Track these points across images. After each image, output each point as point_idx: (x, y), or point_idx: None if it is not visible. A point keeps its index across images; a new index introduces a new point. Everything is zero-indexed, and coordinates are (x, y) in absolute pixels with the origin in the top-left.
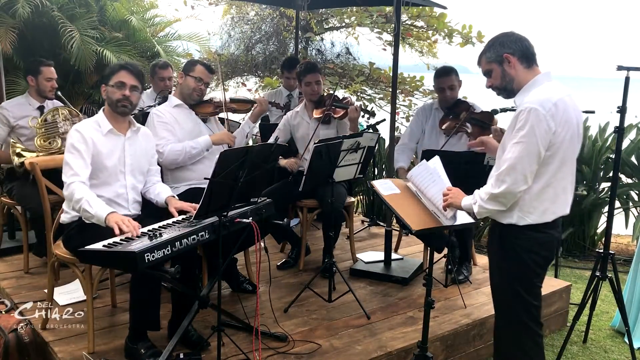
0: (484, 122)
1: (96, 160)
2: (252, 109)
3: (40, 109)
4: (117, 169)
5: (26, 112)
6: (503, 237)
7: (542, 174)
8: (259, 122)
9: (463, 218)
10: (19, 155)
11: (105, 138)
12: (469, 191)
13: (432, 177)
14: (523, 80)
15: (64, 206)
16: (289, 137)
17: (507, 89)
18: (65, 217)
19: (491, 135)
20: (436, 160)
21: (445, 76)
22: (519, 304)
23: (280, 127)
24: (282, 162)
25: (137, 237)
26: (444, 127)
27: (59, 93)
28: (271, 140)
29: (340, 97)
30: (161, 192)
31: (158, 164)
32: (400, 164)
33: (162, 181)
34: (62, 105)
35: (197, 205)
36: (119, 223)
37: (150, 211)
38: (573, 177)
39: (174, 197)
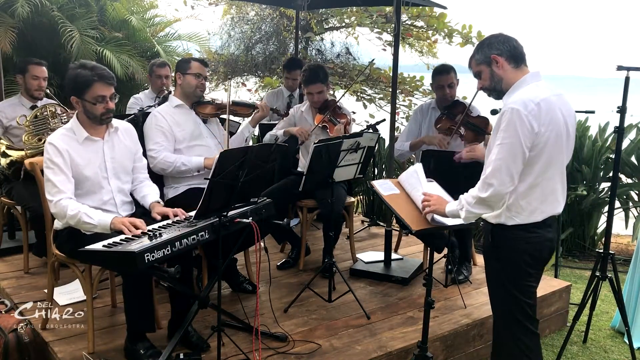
0: (479, 127)
1: (75, 172)
2: (253, 113)
3: (33, 108)
4: (100, 176)
5: (19, 112)
6: (493, 236)
7: (528, 174)
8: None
9: None
10: (4, 154)
11: (82, 146)
12: (468, 191)
13: (414, 184)
14: (511, 80)
15: None
16: None
17: (496, 90)
18: (58, 224)
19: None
20: (418, 167)
21: (445, 74)
22: (512, 303)
23: (286, 119)
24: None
25: (137, 236)
26: (438, 127)
27: (48, 91)
28: (274, 131)
29: (342, 109)
30: (147, 196)
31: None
32: (406, 143)
33: (162, 180)
34: (53, 102)
35: (180, 210)
36: (125, 224)
37: (146, 209)
38: (563, 177)
39: (158, 202)
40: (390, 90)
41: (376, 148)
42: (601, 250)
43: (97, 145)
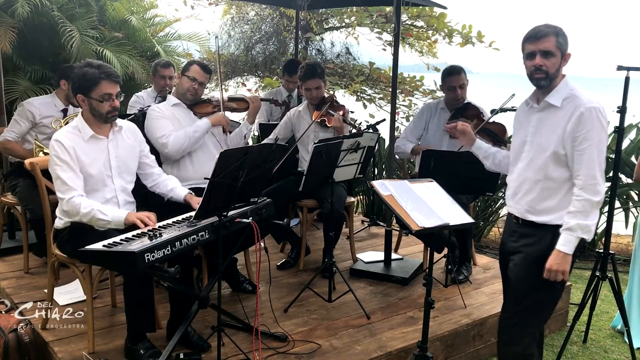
0: (497, 134)
1: (80, 170)
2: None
3: (64, 111)
4: (104, 175)
5: (51, 112)
6: (555, 238)
7: None
8: (258, 122)
9: (463, 218)
10: (47, 154)
11: (87, 144)
12: (468, 191)
13: (416, 203)
14: (557, 81)
15: (57, 213)
16: (289, 135)
17: (550, 80)
18: (59, 223)
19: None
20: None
21: (457, 75)
22: (548, 307)
23: (281, 123)
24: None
25: (137, 236)
26: (445, 128)
27: None
28: (271, 137)
29: (339, 103)
30: (175, 188)
31: (163, 156)
32: (409, 145)
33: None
34: None
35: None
36: (141, 218)
37: (148, 207)
38: None
39: (191, 193)
40: (390, 90)
41: (376, 148)
42: (601, 250)
43: (102, 144)
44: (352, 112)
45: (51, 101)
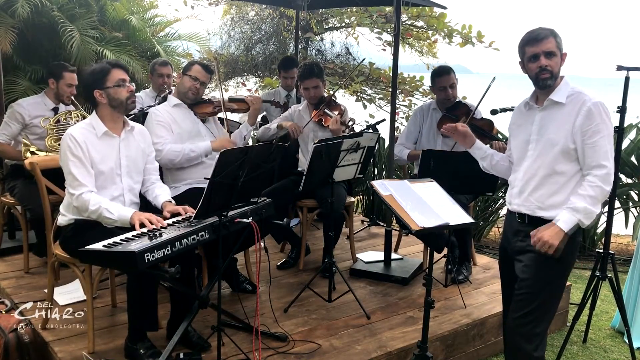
0: (484, 130)
1: (91, 167)
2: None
3: (55, 110)
4: (114, 172)
5: (41, 111)
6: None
7: None
8: (258, 123)
9: (463, 218)
10: (33, 153)
11: (99, 141)
12: (468, 191)
13: (417, 202)
14: (558, 80)
15: (62, 209)
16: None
17: (554, 79)
18: (62, 220)
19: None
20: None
21: (446, 75)
22: (555, 307)
23: (282, 117)
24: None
25: (137, 236)
26: (442, 129)
27: (73, 98)
28: (269, 125)
29: (337, 103)
30: (159, 196)
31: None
32: (405, 151)
33: (162, 181)
34: (75, 109)
35: (189, 208)
36: (142, 220)
37: (151, 211)
38: None
39: (170, 201)
40: (390, 90)
41: (376, 148)
42: (601, 250)
43: (114, 142)
44: (352, 120)
45: (41, 101)
